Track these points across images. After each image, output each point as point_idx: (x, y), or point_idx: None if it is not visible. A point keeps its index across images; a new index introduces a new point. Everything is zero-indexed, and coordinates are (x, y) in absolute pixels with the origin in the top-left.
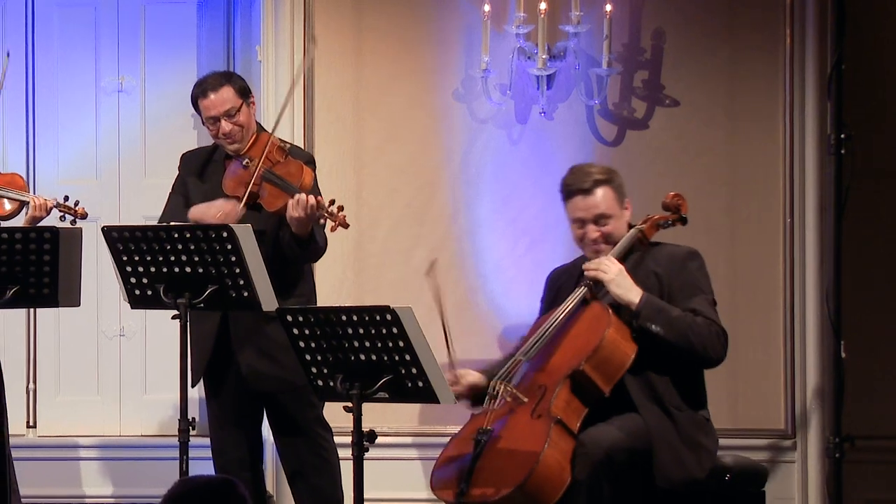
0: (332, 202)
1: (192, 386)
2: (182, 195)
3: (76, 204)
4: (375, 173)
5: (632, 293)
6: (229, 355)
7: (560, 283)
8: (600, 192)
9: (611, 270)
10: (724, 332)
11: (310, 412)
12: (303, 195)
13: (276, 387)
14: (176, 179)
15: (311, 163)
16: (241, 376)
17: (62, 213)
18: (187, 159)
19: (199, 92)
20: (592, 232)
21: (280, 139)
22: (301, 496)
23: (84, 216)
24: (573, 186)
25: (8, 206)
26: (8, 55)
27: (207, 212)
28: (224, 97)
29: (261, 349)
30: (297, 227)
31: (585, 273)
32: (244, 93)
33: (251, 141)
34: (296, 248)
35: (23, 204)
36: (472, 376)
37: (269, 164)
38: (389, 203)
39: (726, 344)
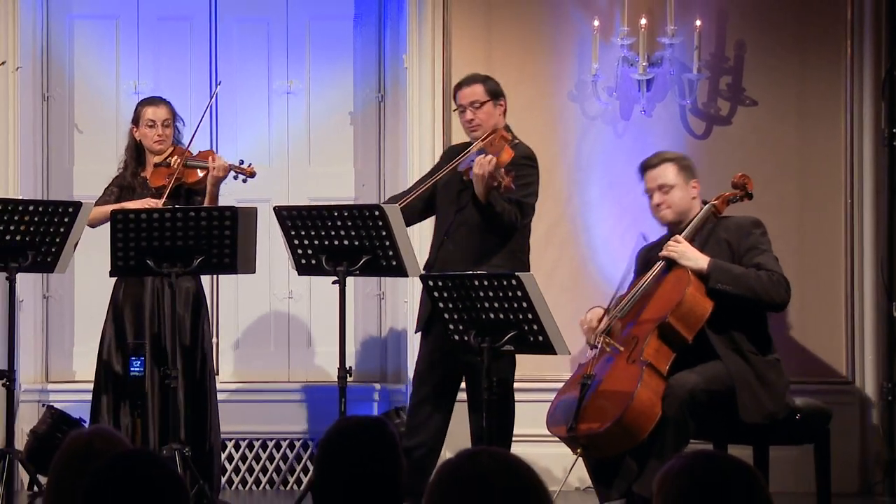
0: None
1: (417, 332)
2: (432, 173)
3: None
4: None
5: (700, 262)
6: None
7: (647, 258)
8: (662, 167)
9: (678, 249)
10: (785, 279)
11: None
12: (487, 156)
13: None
14: (437, 163)
15: (526, 158)
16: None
17: (236, 174)
18: (449, 150)
19: (457, 86)
20: (656, 198)
21: (511, 134)
22: (475, 425)
23: (254, 174)
24: (644, 164)
25: (200, 173)
26: (219, 83)
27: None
28: (474, 91)
29: None
30: (476, 186)
31: (659, 255)
32: (494, 94)
33: (489, 133)
34: (477, 211)
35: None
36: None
37: (488, 146)
38: None
39: (789, 289)
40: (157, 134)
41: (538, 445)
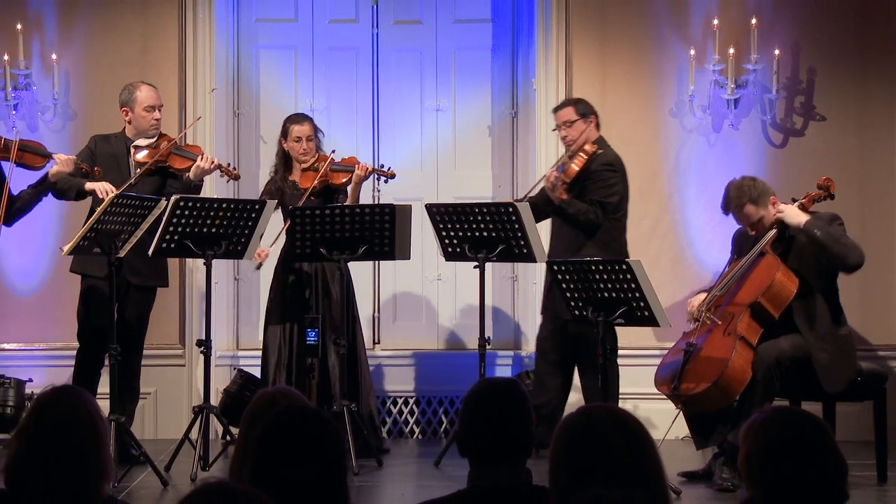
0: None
1: (542, 314)
2: None
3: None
4: None
5: (801, 217)
6: None
7: (743, 240)
8: (743, 211)
9: (787, 209)
10: (861, 250)
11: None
12: (555, 171)
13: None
14: None
15: (606, 164)
16: None
17: (378, 175)
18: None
19: (553, 109)
20: (750, 230)
21: (601, 144)
22: (585, 386)
23: (394, 176)
24: (724, 208)
25: (344, 176)
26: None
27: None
28: (566, 112)
29: None
30: (549, 193)
31: (774, 214)
32: (583, 113)
33: (580, 145)
34: (553, 213)
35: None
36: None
37: (566, 161)
38: None
39: (863, 256)
40: (303, 148)
41: (643, 401)
